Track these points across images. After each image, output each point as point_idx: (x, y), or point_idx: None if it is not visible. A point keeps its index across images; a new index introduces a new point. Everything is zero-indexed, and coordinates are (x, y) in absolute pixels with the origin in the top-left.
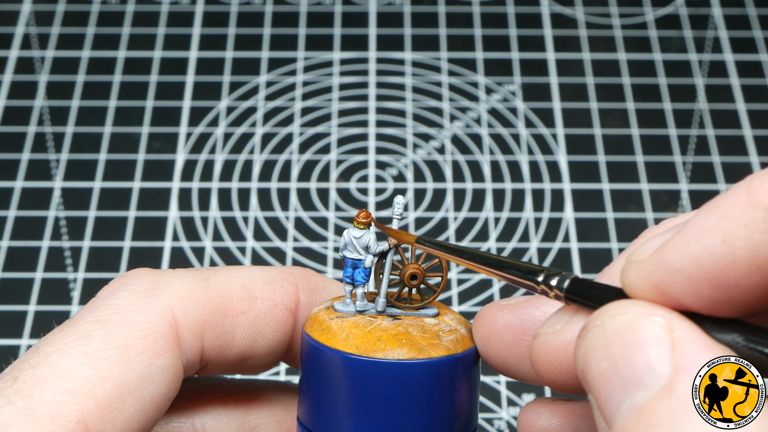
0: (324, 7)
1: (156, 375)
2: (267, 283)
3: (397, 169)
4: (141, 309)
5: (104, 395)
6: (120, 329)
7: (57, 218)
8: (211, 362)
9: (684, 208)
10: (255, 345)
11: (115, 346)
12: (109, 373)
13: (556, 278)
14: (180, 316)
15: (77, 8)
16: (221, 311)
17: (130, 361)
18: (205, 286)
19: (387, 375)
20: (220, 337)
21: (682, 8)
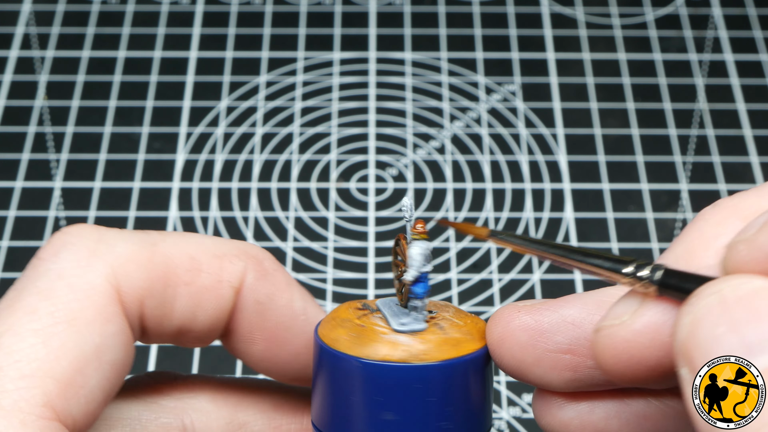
0: (324, 7)
1: (110, 342)
2: (216, 257)
3: (397, 169)
4: (83, 272)
5: (63, 372)
6: (65, 299)
7: (57, 218)
8: (149, 330)
9: (684, 208)
10: (194, 319)
11: (64, 318)
12: (64, 349)
13: (646, 269)
14: (122, 280)
15: (77, 8)
16: (163, 279)
17: (82, 333)
18: (151, 251)
19: (417, 379)
20: (159, 306)
21: (682, 8)
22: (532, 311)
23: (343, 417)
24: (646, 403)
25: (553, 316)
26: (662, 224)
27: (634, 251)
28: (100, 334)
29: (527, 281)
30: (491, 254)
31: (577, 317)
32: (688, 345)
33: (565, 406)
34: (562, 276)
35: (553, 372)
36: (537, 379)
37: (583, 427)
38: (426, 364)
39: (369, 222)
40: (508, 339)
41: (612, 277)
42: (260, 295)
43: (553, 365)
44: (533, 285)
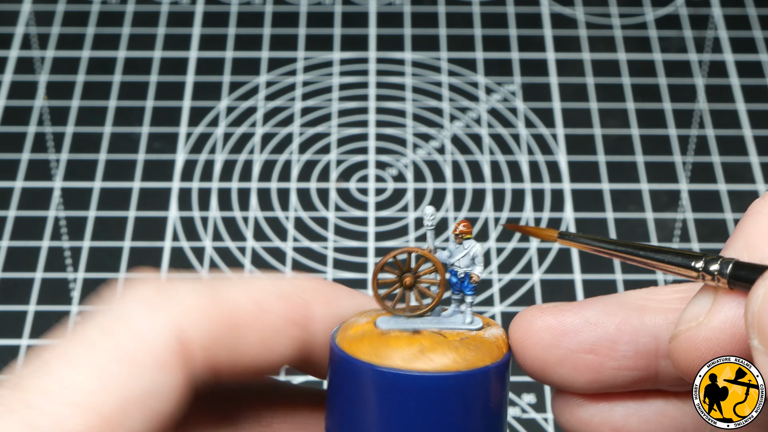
0: (324, 7)
1: (160, 390)
2: (278, 297)
3: (397, 169)
4: (148, 319)
5: (108, 409)
6: (126, 340)
7: (57, 218)
8: (220, 377)
9: (684, 208)
10: (265, 360)
11: (121, 358)
12: (113, 386)
13: (716, 263)
14: (189, 330)
15: (77, 8)
16: (231, 326)
17: (134, 375)
18: (215, 299)
19: (436, 388)
20: (229, 353)
21: (682, 8)
22: (555, 312)
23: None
24: (665, 401)
25: (575, 317)
26: (662, 224)
27: None
28: (152, 380)
29: (527, 281)
30: (491, 254)
31: (599, 318)
32: (762, 315)
33: (584, 405)
34: (562, 276)
35: (576, 372)
36: (559, 379)
37: (602, 425)
38: (459, 372)
39: (369, 222)
40: (531, 340)
41: (683, 273)
42: (334, 321)
43: (575, 365)
44: (533, 285)
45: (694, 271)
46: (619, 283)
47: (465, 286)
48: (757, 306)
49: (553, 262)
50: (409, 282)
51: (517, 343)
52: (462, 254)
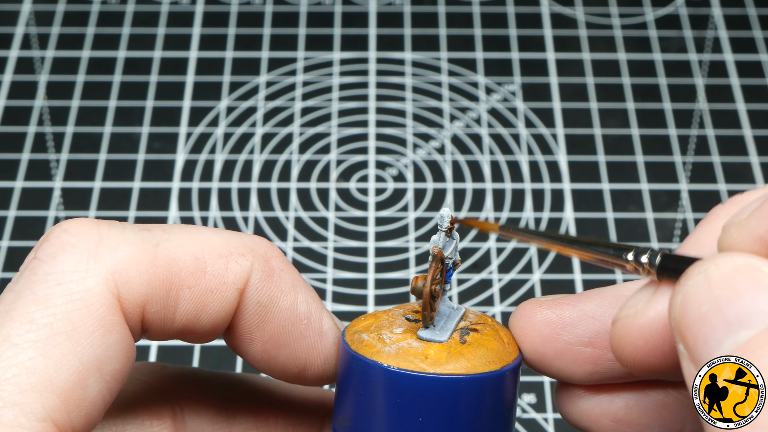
0: (324, 7)
1: (111, 352)
2: (221, 256)
3: (397, 169)
4: (82, 278)
5: (64, 386)
6: (64, 307)
7: (57, 218)
8: (151, 332)
9: (684, 209)
10: (197, 320)
11: (63, 329)
12: (64, 361)
13: (646, 255)
14: (122, 287)
15: (77, 8)
16: (166, 284)
17: (82, 344)
18: (153, 253)
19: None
20: (161, 310)
21: (682, 8)
22: (554, 306)
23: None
24: (664, 393)
25: (573, 311)
26: (662, 224)
27: None
28: (101, 345)
29: (527, 281)
30: (491, 254)
31: (597, 311)
32: (680, 323)
33: (585, 397)
34: (561, 276)
35: (575, 365)
36: (558, 371)
37: (603, 416)
38: (467, 376)
39: (369, 222)
40: (530, 333)
41: (615, 264)
42: (263, 296)
43: (574, 358)
44: (533, 285)
45: (626, 263)
46: (618, 283)
47: (449, 275)
48: (676, 312)
49: (553, 262)
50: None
51: (516, 337)
52: (452, 246)
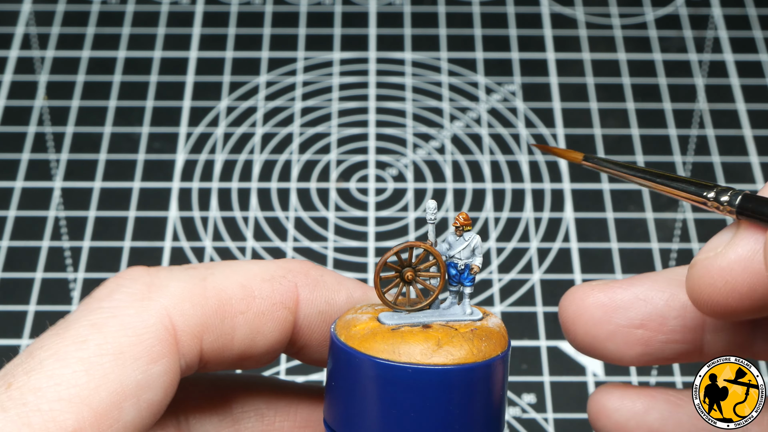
0: (324, 7)
1: (153, 381)
2: (265, 281)
3: (397, 169)
4: (137, 312)
5: (100, 403)
6: (116, 334)
7: (57, 218)
8: (210, 363)
9: (684, 208)
10: (254, 344)
11: (111, 351)
12: (105, 380)
13: (726, 194)
14: (177, 320)
15: (77, 8)
16: (220, 313)
17: (126, 368)
18: (202, 286)
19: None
20: (218, 339)
21: (682, 8)
22: (606, 289)
23: (362, 417)
24: None
25: (625, 294)
26: (662, 224)
27: (634, 251)
28: (144, 372)
29: (527, 281)
30: (491, 254)
31: (648, 294)
32: None
33: (620, 410)
34: (562, 276)
35: (626, 346)
36: (609, 353)
37: (638, 428)
38: (454, 366)
39: (369, 222)
40: (583, 315)
41: (696, 201)
42: (320, 304)
43: (625, 340)
44: (533, 285)
45: (706, 200)
46: None
47: (464, 278)
48: None
49: (553, 262)
50: (410, 277)
51: (568, 320)
52: (462, 246)
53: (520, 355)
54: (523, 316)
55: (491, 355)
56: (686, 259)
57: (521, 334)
